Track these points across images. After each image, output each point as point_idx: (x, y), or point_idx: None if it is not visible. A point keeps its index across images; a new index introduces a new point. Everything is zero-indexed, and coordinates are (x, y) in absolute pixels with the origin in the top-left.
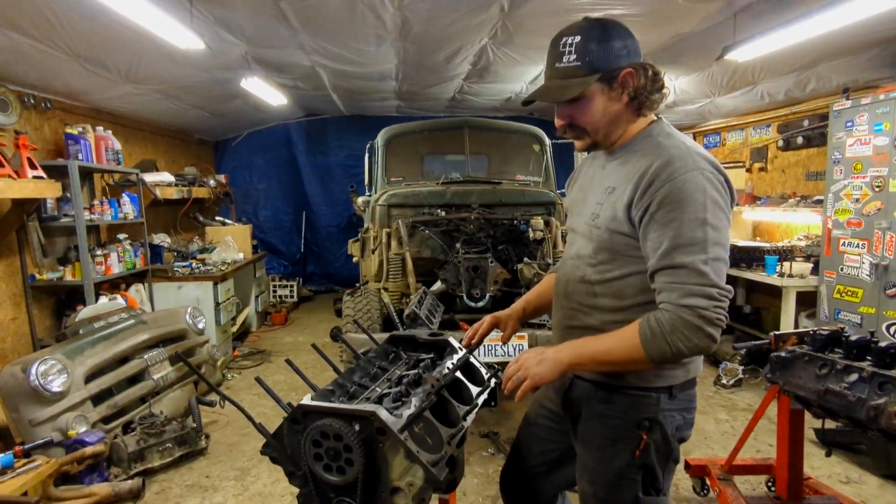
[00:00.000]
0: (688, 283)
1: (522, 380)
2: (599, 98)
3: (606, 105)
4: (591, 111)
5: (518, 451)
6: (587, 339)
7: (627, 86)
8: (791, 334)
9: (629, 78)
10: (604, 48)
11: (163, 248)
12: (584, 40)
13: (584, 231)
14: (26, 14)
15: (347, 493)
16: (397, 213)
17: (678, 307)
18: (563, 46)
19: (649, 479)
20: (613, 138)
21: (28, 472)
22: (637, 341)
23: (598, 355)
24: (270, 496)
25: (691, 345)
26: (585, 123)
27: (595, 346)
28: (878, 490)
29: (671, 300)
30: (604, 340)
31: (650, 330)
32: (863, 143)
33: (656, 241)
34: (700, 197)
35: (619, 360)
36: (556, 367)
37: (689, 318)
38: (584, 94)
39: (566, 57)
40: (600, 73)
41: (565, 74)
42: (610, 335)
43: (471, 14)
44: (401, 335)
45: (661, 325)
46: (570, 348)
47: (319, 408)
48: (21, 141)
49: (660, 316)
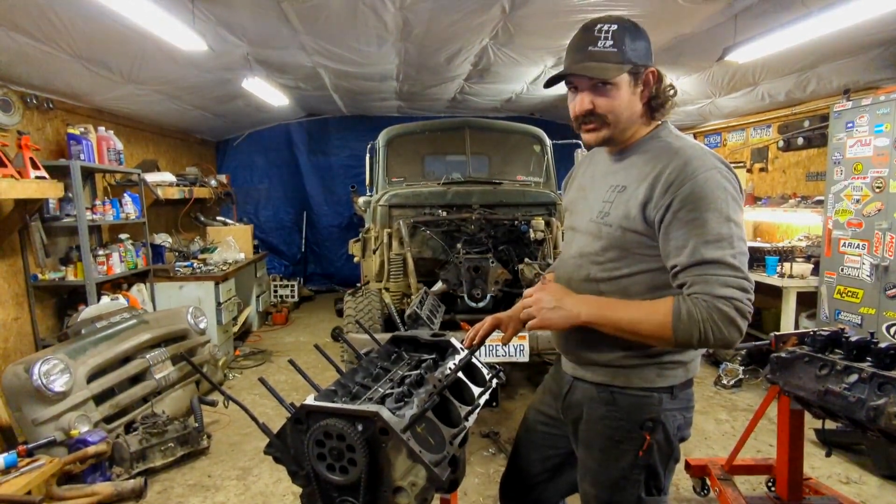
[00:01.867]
0: (722, 276)
1: (531, 317)
2: (626, 89)
3: (630, 98)
4: (618, 100)
5: (517, 459)
6: (611, 302)
7: (649, 85)
8: (791, 335)
9: (651, 77)
10: (636, 43)
11: (164, 248)
12: (621, 30)
13: (589, 229)
14: (29, 15)
15: (350, 493)
16: (398, 213)
17: (716, 297)
18: (599, 32)
19: (652, 480)
20: (627, 135)
21: (31, 471)
22: (668, 320)
23: (621, 322)
24: (272, 496)
25: (721, 335)
26: (608, 111)
27: (620, 311)
28: (878, 490)
29: (707, 291)
30: (631, 308)
31: (687, 313)
32: (863, 143)
33: (681, 238)
34: (722, 194)
35: (643, 332)
36: (569, 318)
37: (726, 309)
38: (616, 81)
39: (601, 42)
40: (632, 65)
41: (601, 58)
42: (639, 305)
43: (472, 15)
44: (403, 336)
45: (699, 312)
46: (592, 305)
47: (323, 408)
48: (23, 141)
49: (697, 303)
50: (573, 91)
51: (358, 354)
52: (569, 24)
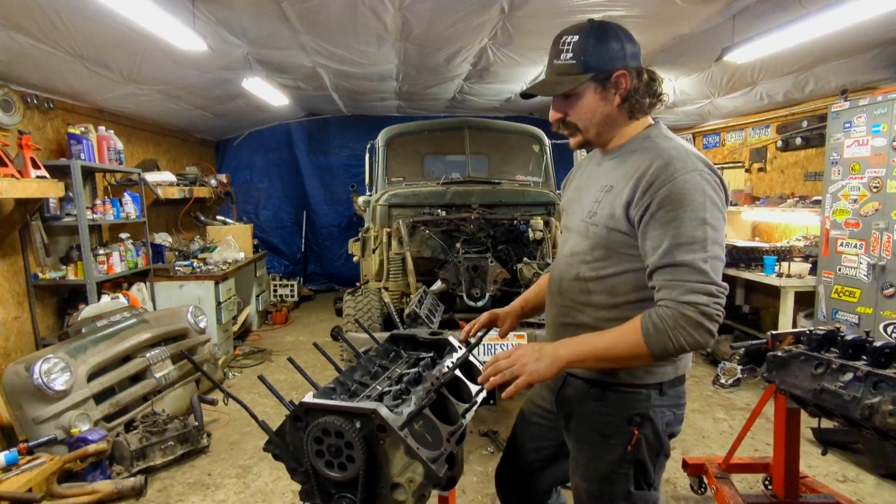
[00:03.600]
0: (689, 281)
1: (516, 375)
2: (591, 97)
3: (597, 104)
4: (583, 108)
5: (513, 447)
6: (586, 337)
7: (620, 87)
8: (788, 334)
9: (622, 80)
10: (600, 49)
11: (164, 247)
12: (582, 40)
13: (579, 228)
14: (30, 15)
15: (348, 490)
16: (398, 212)
17: (680, 304)
18: (562, 45)
19: (641, 474)
20: (606, 138)
21: (32, 469)
22: (639, 337)
23: (598, 351)
24: (272, 493)
25: (692, 340)
26: (577, 120)
27: (595, 342)
28: (875, 489)
29: (672, 297)
30: (604, 337)
31: (653, 326)
32: (861, 144)
33: (656, 239)
34: (700, 197)
35: (621, 355)
36: (554, 364)
37: (691, 314)
38: (577, 91)
39: (563, 55)
40: (593, 73)
41: (561, 71)
42: (610, 332)
43: (471, 15)
44: (401, 334)
45: (664, 321)
46: (569, 345)
47: (321, 405)
48: (24, 141)
49: (661, 312)
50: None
51: (357, 353)
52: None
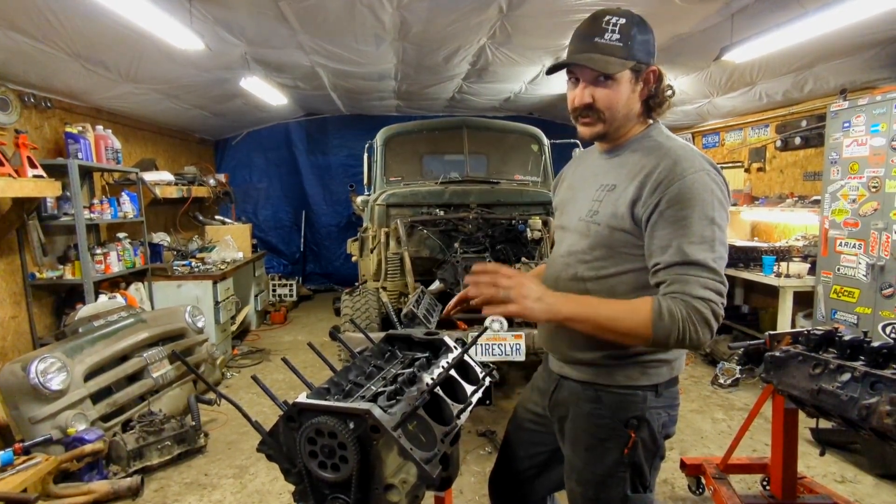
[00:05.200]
0: (702, 277)
1: (509, 300)
2: (627, 86)
3: (629, 95)
4: (616, 97)
5: (506, 455)
6: (591, 299)
7: (650, 83)
8: (786, 334)
9: (651, 76)
10: (643, 39)
11: (162, 246)
12: (629, 24)
13: (577, 227)
14: (27, 14)
15: (342, 490)
16: (396, 212)
17: (695, 298)
18: (607, 24)
19: (637, 477)
20: (622, 132)
21: (28, 469)
22: (648, 318)
23: (600, 318)
24: (269, 494)
25: (696, 336)
26: (607, 107)
27: (599, 308)
28: (873, 489)
29: (687, 291)
30: (611, 305)
31: (668, 313)
32: (860, 143)
33: (665, 238)
34: (708, 197)
35: (620, 330)
36: (550, 312)
37: (703, 310)
38: (618, 77)
39: (608, 35)
40: (635, 62)
41: (607, 51)
42: (619, 303)
43: (469, 14)
44: (397, 334)
45: (679, 311)
46: (573, 302)
47: (314, 406)
48: (21, 140)
49: (676, 303)
50: (573, 82)
51: (352, 353)
52: (566, 24)
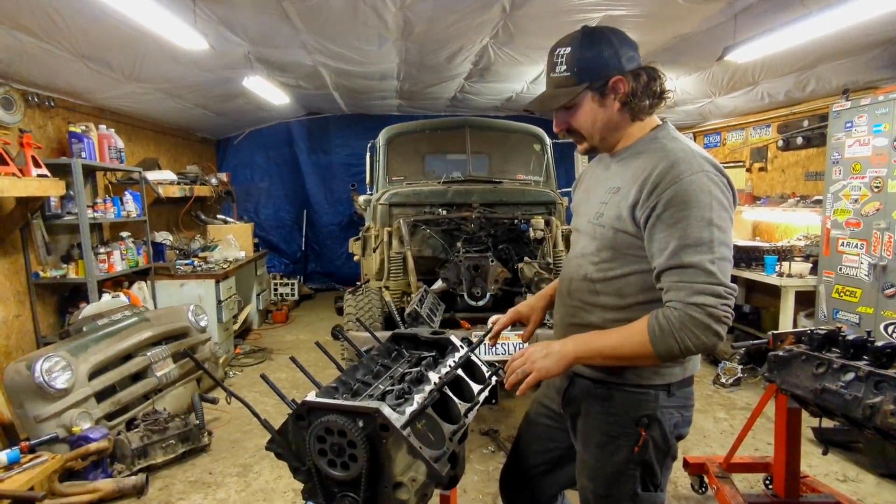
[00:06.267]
0: (696, 282)
1: (527, 373)
2: (589, 105)
3: (597, 112)
4: (583, 118)
5: (518, 450)
6: (593, 334)
7: (618, 92)
8: (789, 334)
9: (619, 85)
10: (593, 58)
11: (165, 246)
12: (574, 50)
13: (587, 230)
14: (31, 14)
15: (351, 488)
16: (398, 211)
17: (687, 305)
18: (556, 58)
19: (648, 476)
20: (612, 142)
21: (34, 467)
22: (646, 337)
23: (605, 349)
24: (273, 492)
25: (699, 342)
26: (579, 127)
27: (602, 340)
28: (875, 488)
29: (680, 298)
30: (611, 335)
31: (659, 327)
32: (862, 143)
33: (663, 241)
34: (706, 198)
35: (627, 355)
36: (561, 360)
37: (698, 315)
38: (575, 101)
39: (558, 67)
40: (588, 82)
41: (557, 84)
42: (617, 330)
43: (472, 14)
44: (403, 333)
45: (671, 323)
46: (576, 342)
47: (324, 404)
48: (25, 139)
49: (668, 313)
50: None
51: (359, 352)
52: (569, 24)
